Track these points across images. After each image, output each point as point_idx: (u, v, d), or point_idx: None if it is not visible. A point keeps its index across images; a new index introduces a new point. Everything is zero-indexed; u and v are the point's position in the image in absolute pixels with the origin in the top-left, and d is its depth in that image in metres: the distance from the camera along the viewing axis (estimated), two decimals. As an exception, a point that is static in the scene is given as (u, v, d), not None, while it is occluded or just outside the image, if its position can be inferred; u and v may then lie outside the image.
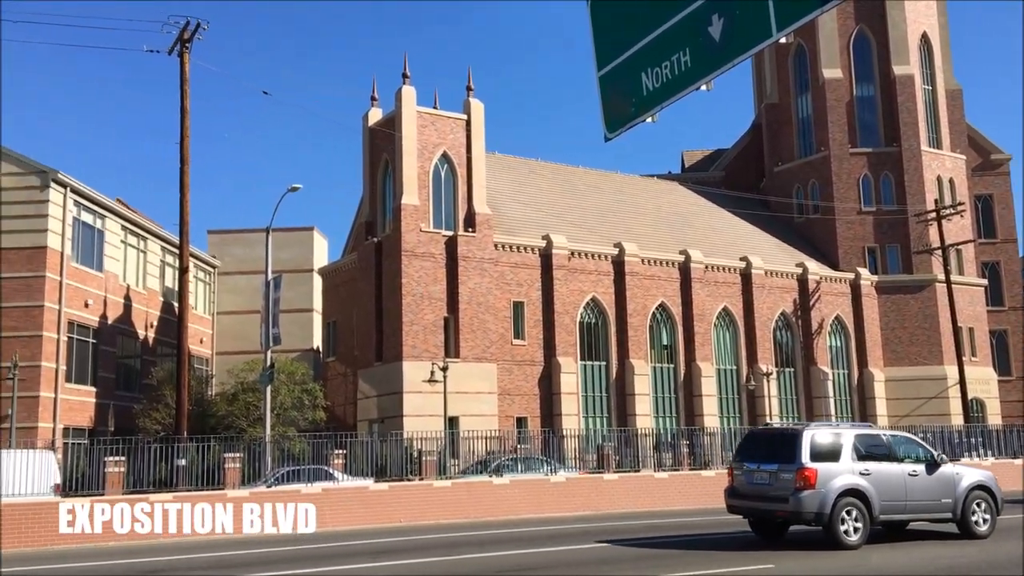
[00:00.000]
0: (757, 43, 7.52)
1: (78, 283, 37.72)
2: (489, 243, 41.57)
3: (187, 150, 27.75)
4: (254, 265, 48.52)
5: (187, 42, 27.47)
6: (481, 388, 39.69)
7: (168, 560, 16.14)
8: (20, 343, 34.56)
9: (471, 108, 42.52)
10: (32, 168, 36.27)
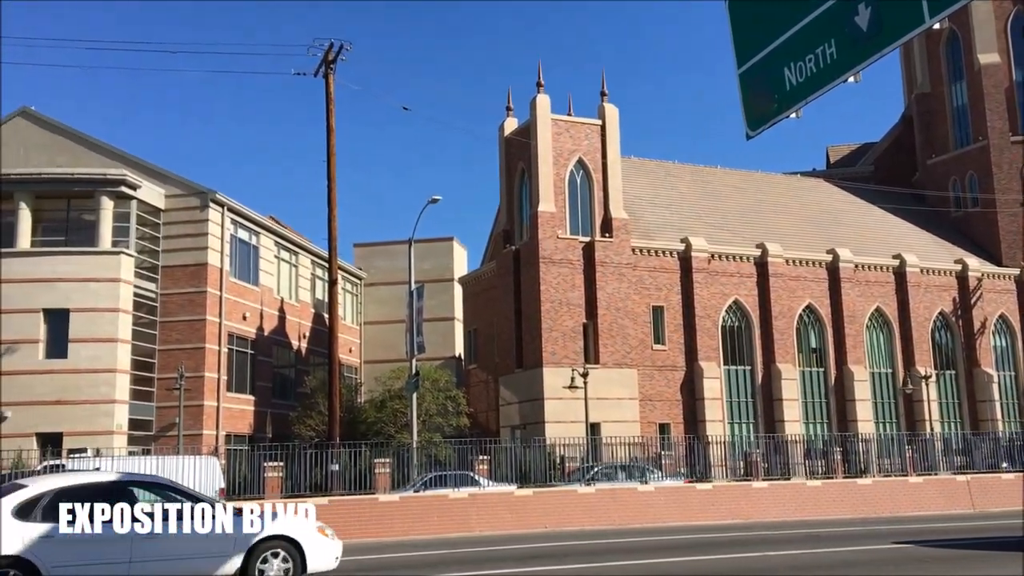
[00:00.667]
0: (908, 31, 7.18)
1: (236, 297, 39.85)
2: (627, 248, 41.28)
3: (333, 167, 28.87)
4: (398, 276, 49.95)
5: (331, 63, 28.61)
6: (622, 394, 39.41)
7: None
8: (185, 355, 36.81)
9: (605, 113, 42.40)
10: (193, 190, 38.62)
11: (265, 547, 11.78)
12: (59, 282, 34.28)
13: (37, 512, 10.81)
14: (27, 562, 10.49)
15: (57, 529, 10.71)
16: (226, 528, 11.62)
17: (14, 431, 32.31)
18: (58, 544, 10.67)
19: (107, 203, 35.72)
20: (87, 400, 33.55)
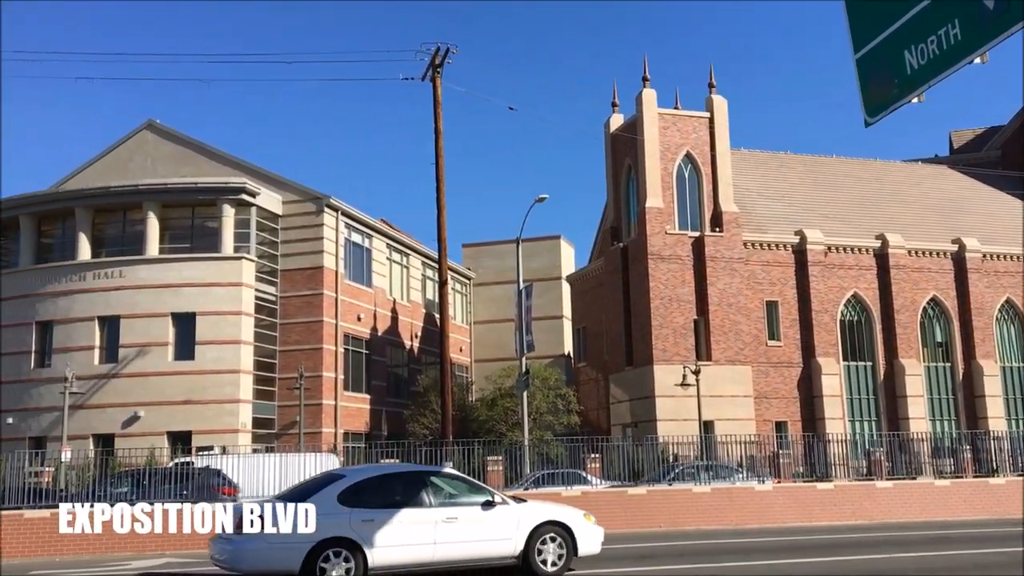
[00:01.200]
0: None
1: (351, 299, 40.92)
2: (738, 242, 40.43)
3: (442, 169, 29.29)
4: (506, 275, 50.32)
5: (438, 67, 29.03)
6: (736, 391, 38.63)
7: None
8: (304, 355, 38.03)
9: (713, 105, 41.62)
10: (308, 195, 39.85)
11: (542, 532, 12.93)
12: (185, 287, 35.93)
13: (356, 498, 12.29)
14: (353, 542, 11.89)
15: (375, 513, 12.18)
16: (510, 515, 12.92)
17: (147, 430, 34.05)
18: (377, 526, 12.09)
19: (229, 210, 37.22)
20: (213, 400, 35.05)
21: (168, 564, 16.84)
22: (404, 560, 12.25)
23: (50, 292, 36.73)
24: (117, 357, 35.53)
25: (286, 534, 11.55)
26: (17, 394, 36.32)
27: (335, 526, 11.81)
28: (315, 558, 11.57)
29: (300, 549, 11.55)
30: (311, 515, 11.69)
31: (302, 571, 11.53)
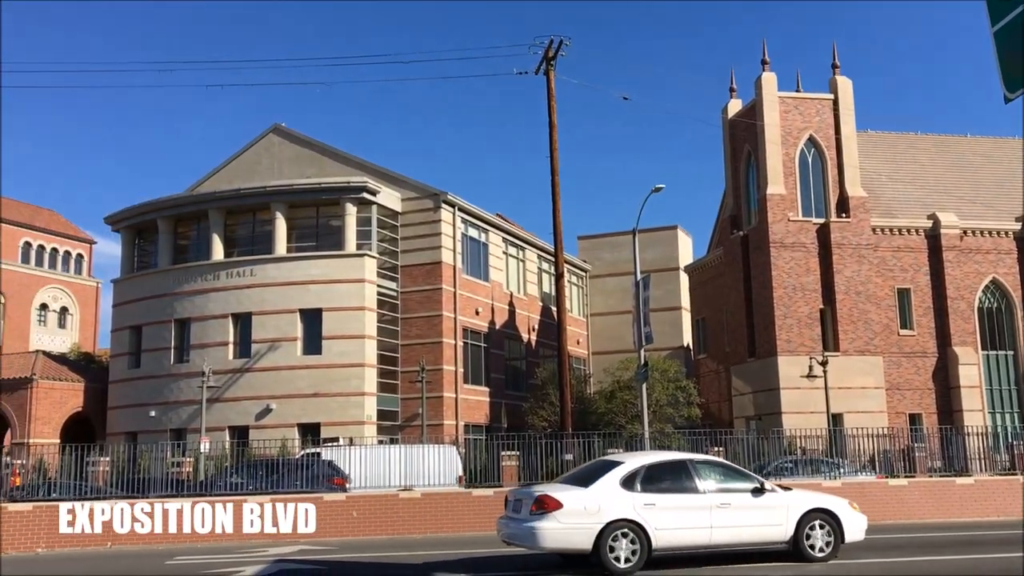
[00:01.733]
0: None
1: (469, 293, 41.46)
2: (866, 227, 38.90)
3: (556, 162, 29.28)
4: (622, 267, 49.96)
5: (552, 60, 29.02)
6: (865, 383, 37.22)
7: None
8: (425, 349, 38.78)
9: (838, 86, 40.14)
10: (426, 192, 40.57)
11: (810, 519, 13.38)
12: (312, 284, 37.17)
13: (636, 483, 13.04)
14: (637, 524, 12.67)
15: (655, 497, 12.92)
16: (779, 501, 13.44)
17: (279, 422, 35.44)
18: (658, 510, 12.82)
19: (351, 209, 38.28)
20: (340, 393, 36.17)
21: (302, 551, 17.48)
22: (684, 543, 13.04)
23: (186, 291, 38.65)
24: (250, 352, 37.10)
25: (578, 515, 12.52)
26: (158, 388, 38.40)
27: (620, 509, 12.63)
28: (604, 538, 12.43)
29: (591, 529, 12.45)
30: (599, 498, 12.68)
31: (593, 550, 12.44)
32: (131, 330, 40.57)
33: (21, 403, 39.76)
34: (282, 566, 15.12)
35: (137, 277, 41.47)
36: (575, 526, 12.47)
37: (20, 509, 19.72)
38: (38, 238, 69.91)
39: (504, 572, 14.14)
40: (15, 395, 40.02)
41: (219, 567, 14.90)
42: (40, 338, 67.02)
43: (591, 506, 12.60)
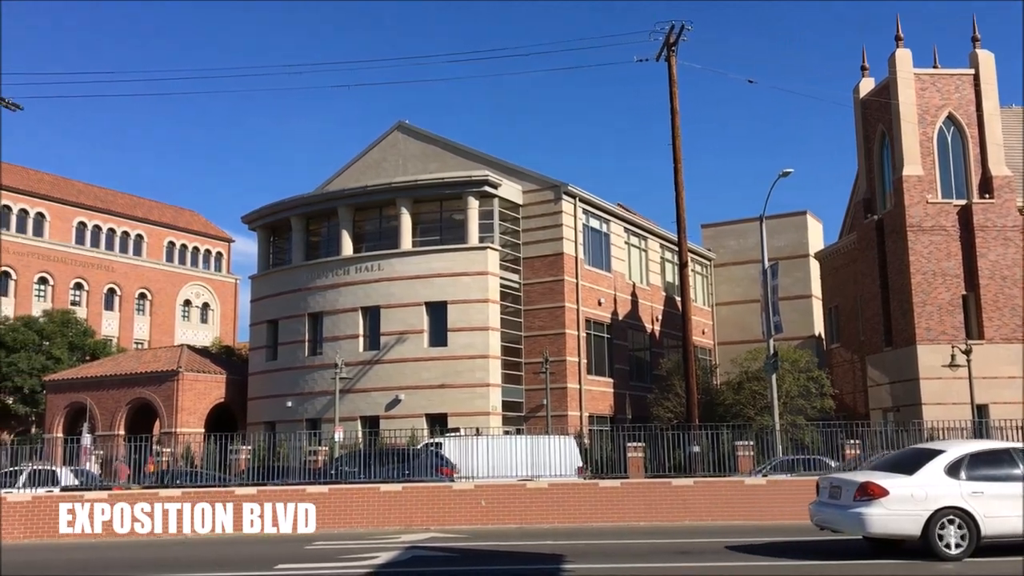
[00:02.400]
0: None
1: (591, 284, 41.33)
2: (1011, 208, 36.68)
3: (679, 149, 28.81)
4: (748, 255, 48.75)
5: (673, 45, 28.55)
6: (1014, 372, 35.10)
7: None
8: (548, 340, 38.92)
9: (978, 60, 37.94)
10: (547, 184, 40.65)
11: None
12: (436, 277, 37.87)
13: (961, 471, 13.28)
14: (966, 512, 12.95)
15: (982, 485, 13.12)
16: None
17: (407, 412, 36.31)
18: (986, 498, 13.04)
19: (473, 203, 38.76)
20: (466, 384, 36.72)
21: (433, 538, 17.85)
22: (1011, 531, 13.02)
23: (318, 286, 40.02)
24: (379, 344, 38.11)
25: (905, 502, 12.97)
26: (294, 380, 39.94)
27: (947, 496, 12.93)
28: (932, 525, 12.81)
29: (920, 516, 12.86)
30: (925, 486, 13.06)
31: (921, 536, 12.84)
32: (268, 324, 42.36)
33: (168, 394, 42.09)
34: (415, 552, 15.48)
35: (272, 273, 43.24)
36: (903, 513, 12.89)
37: (170, 494, 20.92)
38: (181, 238, 73.82)
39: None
40: (163, 387, 42.40)
41: (354, 552, 15.38)
42: (184, 332, 70.84)
43: (918, 493, 12.97)
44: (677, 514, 21.07)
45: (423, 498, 21.06)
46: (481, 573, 13.62)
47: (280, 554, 15.57)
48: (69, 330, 53.52)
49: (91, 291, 65.76)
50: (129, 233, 69.73)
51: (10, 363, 49.51)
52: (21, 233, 61.99)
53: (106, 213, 68.25)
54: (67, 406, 44.91)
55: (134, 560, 15.90)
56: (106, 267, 67.13)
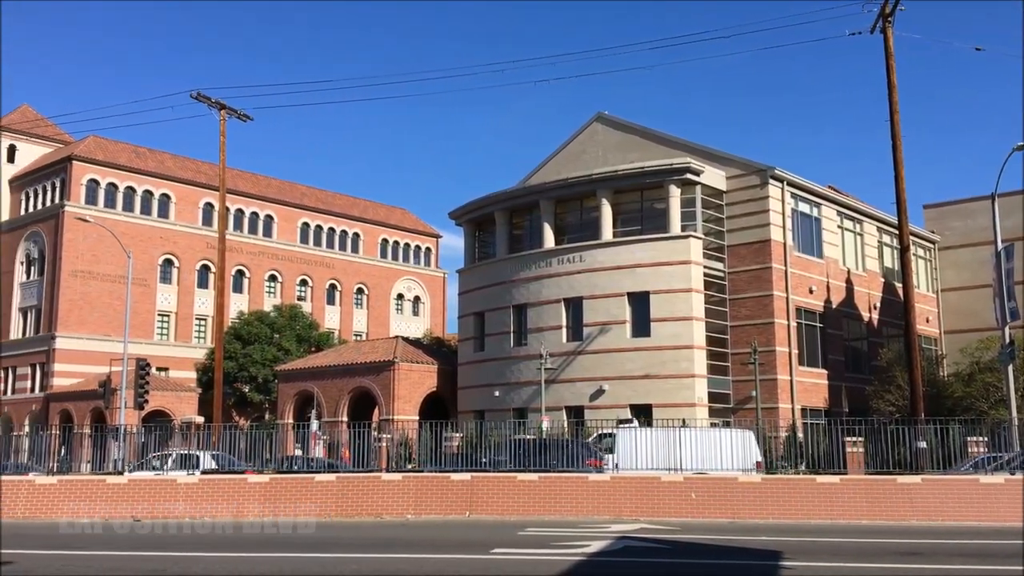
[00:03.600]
0: None
1: (801, 271, 39.66)
2: None
3: (898, 126, 27.00)
4: (977, 236, 45.08)
5: (889, 16, 26.78)
6: None
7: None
8: (756, 330, 37.75)
9: None
10: (751, 168, 39.38)
11: None
12: (638, 268, 37.64)
13: None
14: None
15: None
16: None
17: (612, 403, 36.40)
18: None
19: (674, 191, 38.19)
20: (670, 375, 36.31)
21: (643, 529, 17.80)
22: None
23: (522, 279, 40.84)
24: (582, 335, 38.41)
25: None
26: (500, 370, 41.01)
27: None
28: None
29: None
30: None
31: None
32: (475, 316, 43.74)
33: (386, 383, 44.40)
34: (626, 542, 15.50)
35: (478, 267, 44.58)
36: None
37: (391, 479, 22.09)
38: (393, 235, 77.71)
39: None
40: (380, 376, 44.77)
41: (566, 540, 15.61)
42: (398, 324, 74.52)
43: None
44: (902, 512, 19.91)
45: (632, 489, 21.05)
46: (695, 566, 13.44)
47: (494, 539, 16.05)
48: (296, 323, 57.66)
49: (314, 287, 70.52)
50: (347, 232, 74.15)
51: (246, 355, 53.99)
52: (252, 234, 67.39)
53: (326, 214, 72.94)
54: (296, 394, 48.39)
55: (360, 539, 16.91)
56: (327, 264, 71.76)
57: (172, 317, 62.17)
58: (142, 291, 58.44)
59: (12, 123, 62.76)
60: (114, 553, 14.72)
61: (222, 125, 32.27)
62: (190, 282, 63.17)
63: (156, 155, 65.45)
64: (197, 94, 31.40)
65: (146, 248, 59.51)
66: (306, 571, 12.48)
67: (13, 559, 13.67)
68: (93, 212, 55.77)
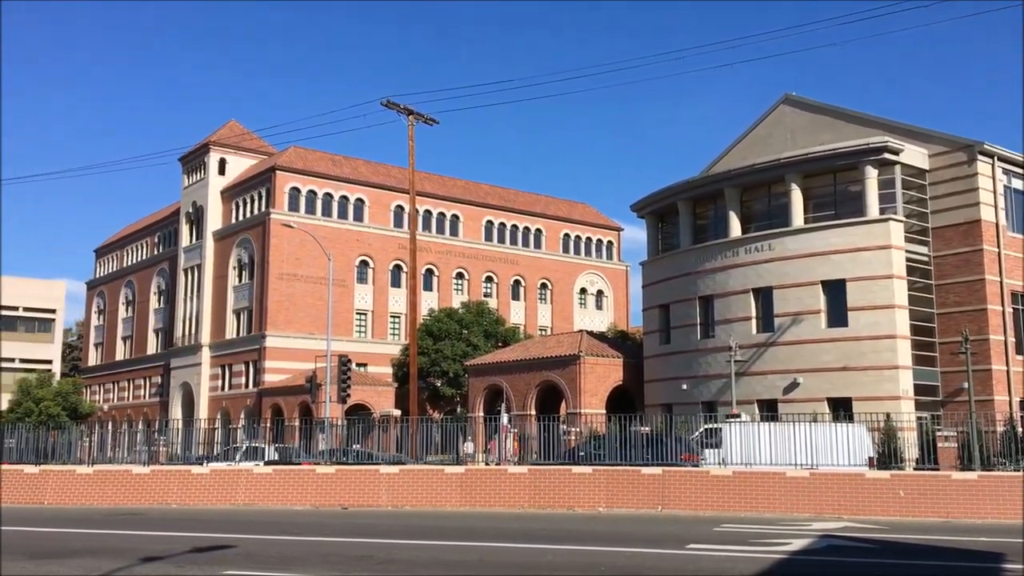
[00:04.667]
0: None
1: (1017, 252, 36.60)
2: None
3: None
4: None
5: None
6: None
7: None
8: (966, 318, 35.18)
9: None
10: (957, 144, 36.70)
11: None
12: (832, 254, 35.90)
13: None
14: None
15: None
16: None
17: (807, 396, 34.94)
18: None
19: (871, 172, 36.16)
20: (870, 366, 34.44)
21: (847, 528, 17.01)
22: None
23: (708, 269, 39.94)
24: (772, 326, 37.10)
25: None
26: (687, 363, 40.31)
27: None
28: None
29: None
30: None
31: None
32: (659, 308, 43.21)
33: (572, 377, 44.71)
34: (831, 541, 14.85)
35: (662, 259, 44.01)
36: None
37: (582, 471, 22.22)
38: (575, 230, 78.08)
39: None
40: (566, 370, 45.12)
41: (765, 537, 15.15)
42: (581, 319, 74.86)
43: None
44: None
45: (833, 486, 20.17)
46: (907, 567, 12.67)
47: (689, 534, 15.81)
48: (483, 319, 59.08)
49: (499, 283, 72.02)
50: (530, 228, 75.20)
51: (437, 350, 55.89)
52: (440, 234, 69.64)
53: (509, 211, 74.27)
54: (485, 388, 49.61)
55: (552, 532, 17.09)
56: (511, 261, 73.09)
57: (369, 315, 65.28)
58: (341, 291, 61.70)
59: (222, 138, 67.92)
60: (325, 539, 15.62)
61: (410, 130, 33.48)
62: (384, 282, 66.07)
63: (350, 162, 68.93)
64: (387, 101, 32.73)
65: (343, 250, 62.78)
66: (504, 559, 12.75)
67: (236, 543, 14.80)
68: (296, 218, 59.43)
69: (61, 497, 24.59)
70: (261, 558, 12.99)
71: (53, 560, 12.78)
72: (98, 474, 25.05)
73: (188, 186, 69.96)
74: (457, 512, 21.51)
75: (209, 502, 23.84)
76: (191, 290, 68.68)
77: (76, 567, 12.02)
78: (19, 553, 13.51)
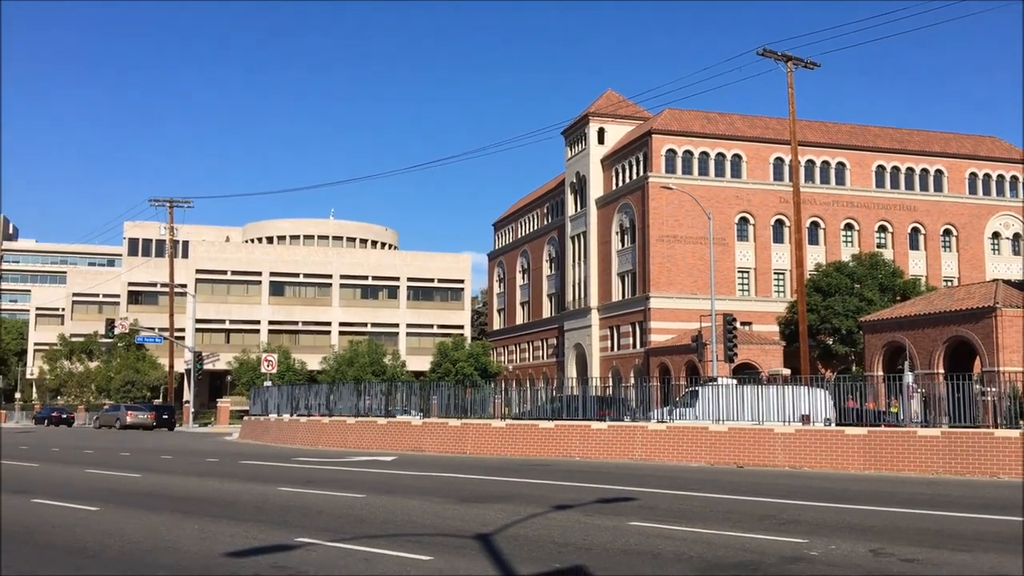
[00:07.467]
0: None
1: None
2: None
3: None
4: None
5: None
6: None
7: None
8: None
9: None
10: None
11: None
12: None
13: None
14: None
15: None
16: None
17: None
18: None
19: None
20: None
21: None
22: None
23: None
24: None
25: None
26: None
27: None
28: None
29: None
30: None
31: None
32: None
33: (986, 332, 40.05)
34: None
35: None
36: None
37: (1005, 435, 19.93)
38: (983, 167, 69.72)
39: None
40: (979, 324, 40.52)
41: None
42: (995, 267, 66.85)
43: None
44: None
45: None
46: None
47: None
48: (878, 272, 55.11)
49: (895, 232, 66.62)
50: (928, 169, 68.53)
51: (827, 307, 53.23)
52: (824, 184, 65.98)
53: (902, 153, 68.23)
54: (884, 345, 46.26)
55: (973, 500, 15.58)
56: (907, 207, 67.22)
57: (751, 273, 63.98)
58: (721, 250, 61.12)
59: (599, 108, 70.29)
60: (722, 496, 15.68)
61: (789, 77, 32.03)
62: (766, 238, 64.26)
63: (725, 118, 67.71)
64: (763, 50, 31.61)
65: (722, 209, 62.05)
66: (921, 525, 11.86)
67: (636, 496, 15.39)
68: (673, 180, 59.82)
69: (479, 448, 27.38)
70: (661, 511, 13.38)
71: (479, 504, 14.26)
72: (509, 427, 27.50)
73: (571, 158, 73.48)
74: (861, 475, 20.41)
75: (607, 456, 25.07)
76: (579, 256, 72.28)
77: (499, 511, 13.30)
78: (450, 497, 15.28)
